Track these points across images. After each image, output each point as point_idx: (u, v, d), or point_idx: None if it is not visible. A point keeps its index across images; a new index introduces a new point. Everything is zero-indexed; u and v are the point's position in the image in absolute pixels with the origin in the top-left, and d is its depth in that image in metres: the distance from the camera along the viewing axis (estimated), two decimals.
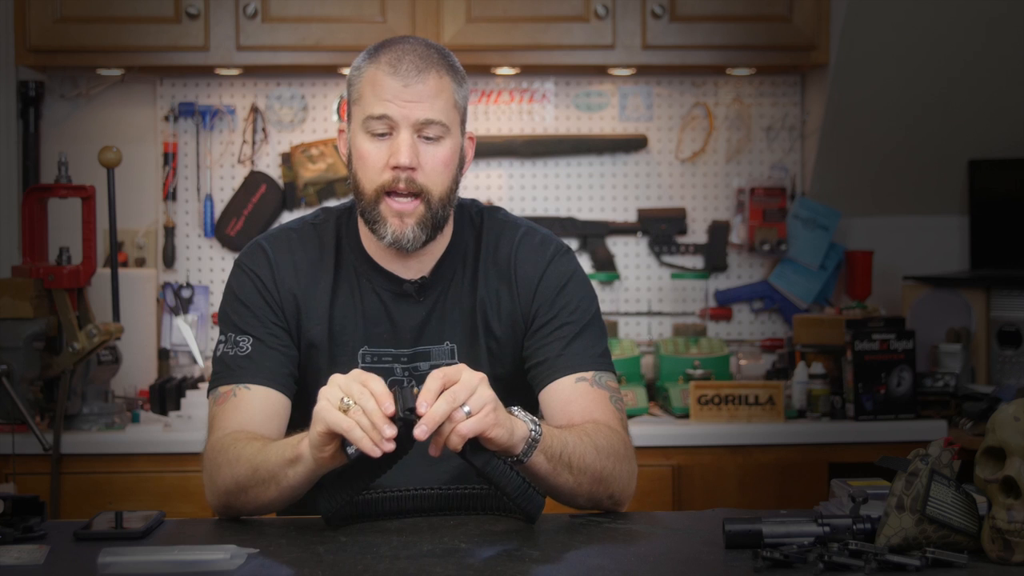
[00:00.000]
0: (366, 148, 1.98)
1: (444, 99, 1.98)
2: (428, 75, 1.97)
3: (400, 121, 1.96)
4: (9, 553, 1.69)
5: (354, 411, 1.70)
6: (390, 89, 1.96)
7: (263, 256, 2.07)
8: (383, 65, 1.97)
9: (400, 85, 1.96)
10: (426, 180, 1.98)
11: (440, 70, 1.99)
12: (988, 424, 1.67)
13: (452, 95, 2.00)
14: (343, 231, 2.10)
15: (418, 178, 1.97)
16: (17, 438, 3.12)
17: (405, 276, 2.06)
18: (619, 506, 1.98)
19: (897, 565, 1.60)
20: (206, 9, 3.50)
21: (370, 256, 2.07)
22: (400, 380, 2.00)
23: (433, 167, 1.98)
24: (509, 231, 2.11)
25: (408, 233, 1.98)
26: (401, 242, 1.99)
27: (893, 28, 3.57)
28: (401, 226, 1.98)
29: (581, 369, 2.03)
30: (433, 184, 1.98)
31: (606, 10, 3.54)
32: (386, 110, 1.96)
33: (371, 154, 1.98)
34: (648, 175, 3.93)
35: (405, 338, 2.05)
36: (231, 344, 2.03)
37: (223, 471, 1.91)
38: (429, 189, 1.98)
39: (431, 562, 1.65)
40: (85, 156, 3.55)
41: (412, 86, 1.96)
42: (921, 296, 3.75)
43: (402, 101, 1.96)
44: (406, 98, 1.96)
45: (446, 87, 1.99)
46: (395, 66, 1.97)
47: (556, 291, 2.07)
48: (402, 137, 1.96)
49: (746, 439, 3.33)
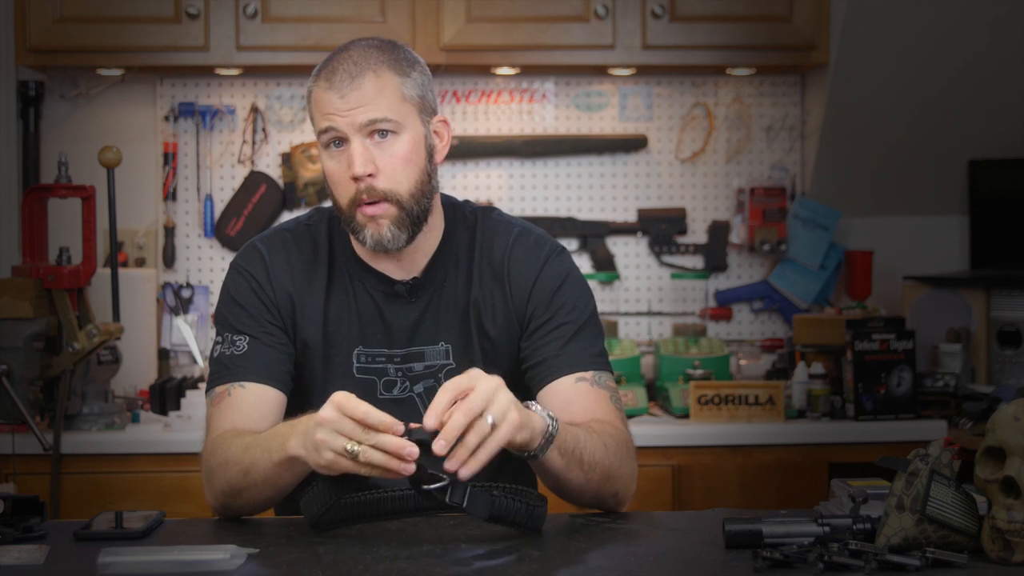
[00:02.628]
0: (329, 166, 1.99)
1: (387, 96, 1.96)
2: (363, 79, 1.95)
3: (346, 130, 1.95)
4: (9, 553, 1.69)
5: (364, 454, 1.68)
6: (329, 103, 1.95)
7: (258, 257, 2.07)
8: (321, 81, 1.97)
9: (337, 97, 1.95)
10: (387, 183, 1.96)
11: (378, 68, 1.96)
12: (988, 424, 1.67)
13: (397, 89, 1.97)
14: (335, 232, 2.09)
15: (379, 184, 1.96)
16: (17, 438, 3.12)
17: (396, 276, 2.06)
18: (621, 505, 1.98)
19: (897, 565, 1.60)
20: (206, 9, 3.50)
21: (361, 258, 2.07)
22: None
23: (392, 167, 1.96)
24: (503, 231, 2.10)
25: (386, 234, 1.98)
26: (382, 243, 1.99)
27: (893, 28, 3.57)
28: (377, 228, 1.97)
29: (580, 369, 2.02)
30: (396, 184, 1.97)
31: (606, 10, 3.54)
32: (331, 123, 1.95)
33: (334, 171, 1.98)
34: (648, 175, 3.93)
35: (398, 339, 2.05)
36: (228, 344, 2.03)
37: (217, 475, 1.92)
38: (393, 191, 1.97)
39: (431, 562, 1.65)
40: (85, 156, 3.55)
41: (347, 95, 1.94)
42: (921, 296, 3.74)
43: (344, 111, 1.95)
44: (346, 107, 1.94)
45: (387, 84, 1.96)
46: (330, 79, 1.96)
47: (552, 292, 2.06)
48: (353, 146, 1.95)
49: (746, 439, 3.33)
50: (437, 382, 2.03)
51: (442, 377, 2.04)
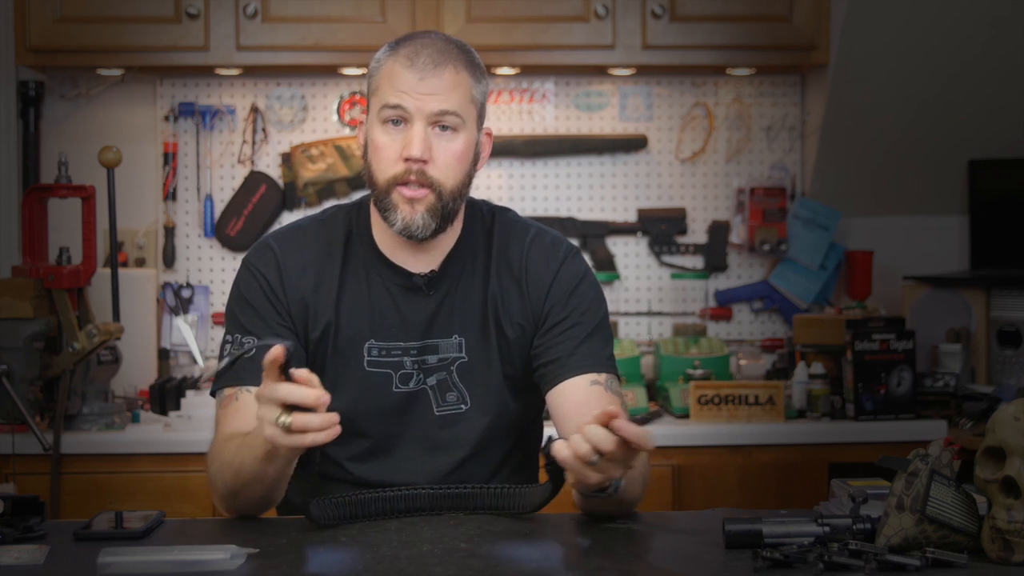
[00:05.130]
0: (380, 139, 2.00)
1: (460, 93, 1.99)
2: (445, 69, 1.98)
3: (414, 113, 1.97)
4: (9, 553, 1.69)
5: (298, 424, 1.70)
6: (406, 81, 1.97)
7: (271, 257, 2.07)
8: (401, 58, 1.99)
9: (416, 78, 1.97)
10: (438, 173, 1.99)
11: (458, 64, 2.00)
12: (988, 424, 1.67)
13: (469, 90, 2.01)
14: (353, 225, 2.10)
15: (429, 171, 1.98)
16: (17, 438, 3.12)
17: (415, 270, 2.07)
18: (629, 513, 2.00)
19: (897, 565, 1.60)
20: (206, 9, 3.50)
21: (380, 250, 2.08)
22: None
23: (446, 160, 1.99)
24: (520, 232, 2.12)
25: (418, 220, 1.99)
26: (411, 228, 1.99)
27: (893, 28, 3.57)
28: (411, 212, 1.99)
29: (593, 370, 2.04)
30: (445, 177, 1.99)
31: (606, 10, 3.54)
32: (400, 100, 1.97)
33: (385, 145, 1.99)
34: (648, 175, 3.93)
35: (414, 331, 2.06)
36: (236, 345, 2.03)
37: (216, 479, 1.95)
38: (440, 182, 1.99)
39: (431, 562, 1.65)
40: (85, 156, 3.55)
41: (428, 79, 1.97)
42: (921, 296, 3.74)
43: (417, 93, 1.97)
44: (421, 91, 1.97)
45: (463, 81, 2.00)
46: (412, 59, 1.98)
47: (569, 292, 2.08)
48: (415, 129, 1.97)
49: (746, 439, 3.33)
50: (449, 375, 2.05)
51: (453, 370, 2.06)
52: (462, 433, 2.06)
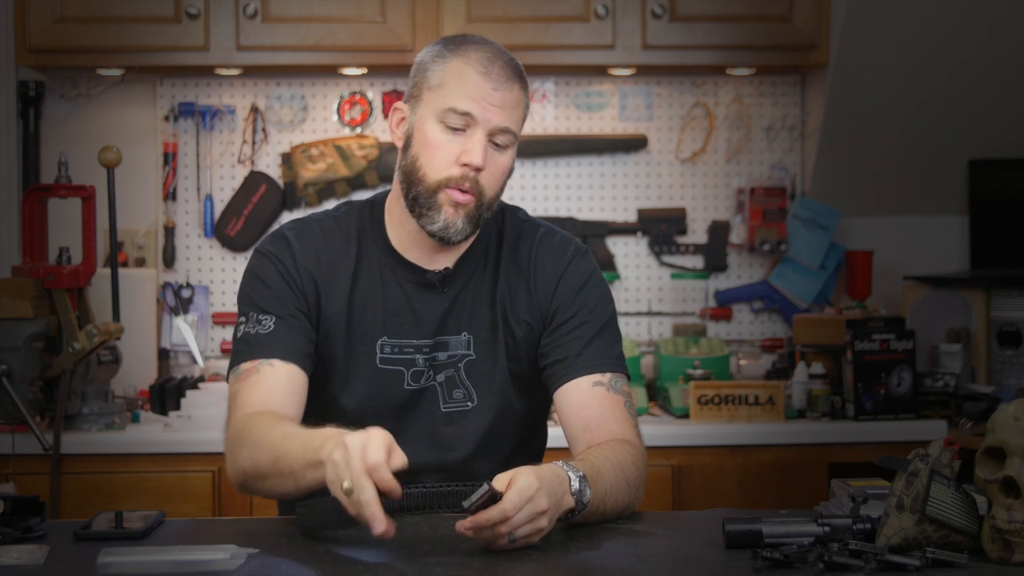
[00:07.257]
0: (438, 138, 1.99)
1: (519, 112, 2.02)
2: (514, 84, 2.00)
3: (480, 122, 1.98)
4: (9, 553, 1.69)
5: (354, 500, 1.65)
6: (479, 88, 1.97)
7: (285, 243, 2.07)
8: (474, 63, 1.99)
9: (490, 88, 1.98)
10: (486, 183, 2.00)
11: (521, 83, 2.02)
12: (988, 424, 1.67)
13: (524, 110, 2.03)
14: (366, 223, 2.10)
15: (481, 179, 1.99)
16: (17, 438, 3.12)
17: (428, 267, 2.07)
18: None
19: (897, 565, 1.60)
20: (206, 9, 3.50)
21: (394, 247, 2.08)
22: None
23: (494, 173, 2.01)
24: (529, 231, 2.13)
25: (459, 223, 2.00)
26: (449, 231, 2.00)
27: (893, 28, 3.57)
28: (454, 216, 1.99)
29: (598, 370, 2.04)
30: (489, 187, 2.01)
31: (606, 10, 3.54)
32: (471, 108, 1.97)
33: (442, 145, 1.99)
34: (648, 175, 3.93)
35: (427, 329, 2.06)
36: (252, 323, 2.02)
37: (244, 452, 1.89)
38: (485, 191, 2.00)
39: (431, 562, 1.66)
40: (85, 156, 3.55)
41: (500, 91, 1.98)
42: (921, 296, 3.74)
43: (487, 104, 1.97)
44: (492, 101, 1.98)
45: (521, 100, 2.02)
46: (487, 67, 1.98)
47: (576, 290, 2.09)
48: (477, 138, 1.98)
49: (746, 439, 3.33)
50: (456, 372, 2.06)
51: (461, 368, 2.06)
52: (467, 430, 2.06)
